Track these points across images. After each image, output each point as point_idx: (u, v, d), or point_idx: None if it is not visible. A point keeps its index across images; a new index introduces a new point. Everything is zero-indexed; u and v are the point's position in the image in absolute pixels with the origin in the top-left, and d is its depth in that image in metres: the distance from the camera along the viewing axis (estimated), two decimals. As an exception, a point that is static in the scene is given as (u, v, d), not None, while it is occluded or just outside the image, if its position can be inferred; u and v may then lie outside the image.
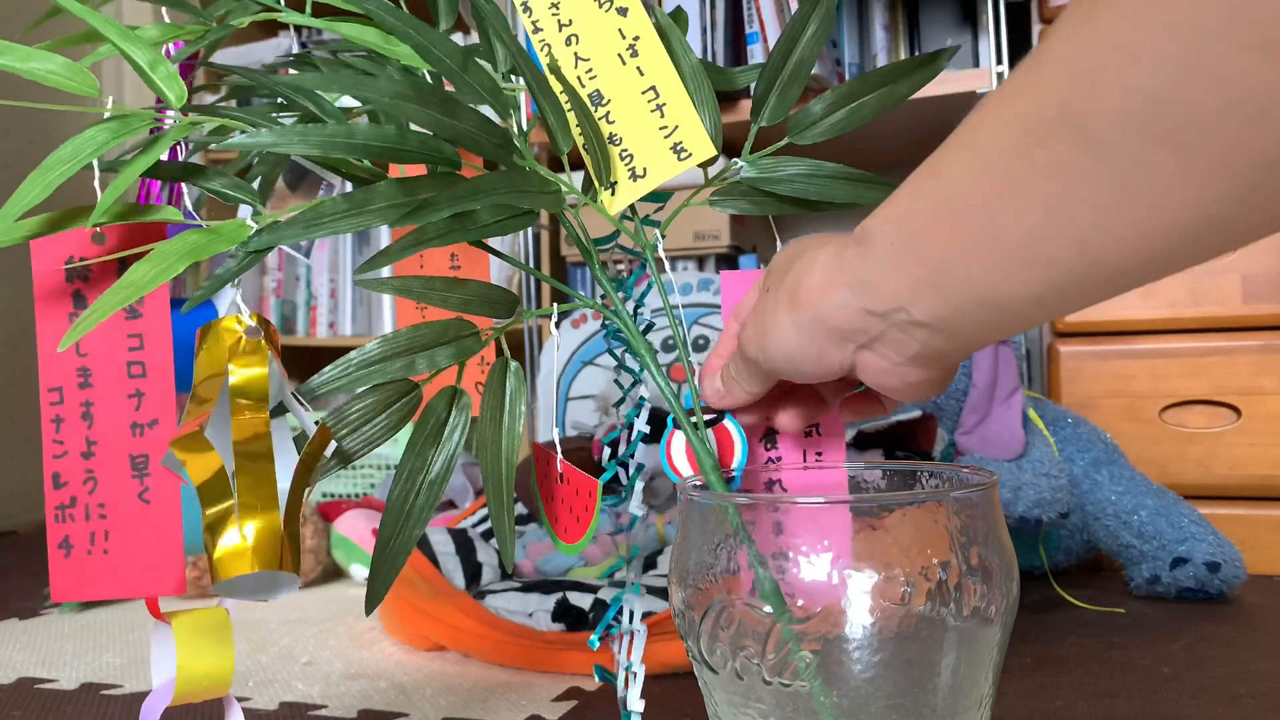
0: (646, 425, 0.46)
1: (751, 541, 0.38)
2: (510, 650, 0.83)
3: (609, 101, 0.47)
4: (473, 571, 0.98)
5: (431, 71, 0.51)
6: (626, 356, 0.50)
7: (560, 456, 0.45)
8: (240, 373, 0.38)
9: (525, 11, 0.50)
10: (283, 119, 0.51)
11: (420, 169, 0.57)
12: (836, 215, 1.67)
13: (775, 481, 0.46)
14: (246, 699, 0.78)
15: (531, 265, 1.62)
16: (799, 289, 0.37)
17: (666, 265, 0.46)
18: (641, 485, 0.46)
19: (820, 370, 0.39)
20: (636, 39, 0.48)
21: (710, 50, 1.34)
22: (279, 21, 0.52)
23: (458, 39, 1.71)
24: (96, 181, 0.43)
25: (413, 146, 0.42)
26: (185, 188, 0.55)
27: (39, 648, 0.97)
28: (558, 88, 0.46)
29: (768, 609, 0.37)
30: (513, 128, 0.44)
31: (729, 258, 1.47)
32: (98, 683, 0.84)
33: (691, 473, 0.45)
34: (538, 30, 0.49)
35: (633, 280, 0.48)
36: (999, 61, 1.20)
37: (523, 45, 0.47)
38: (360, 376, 0.41)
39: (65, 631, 1.03)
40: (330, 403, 1.58)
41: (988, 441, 0.99)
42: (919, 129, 1.40)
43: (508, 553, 0.42)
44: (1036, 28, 1.20)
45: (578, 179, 0.47)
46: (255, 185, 0.51)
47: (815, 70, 1.26)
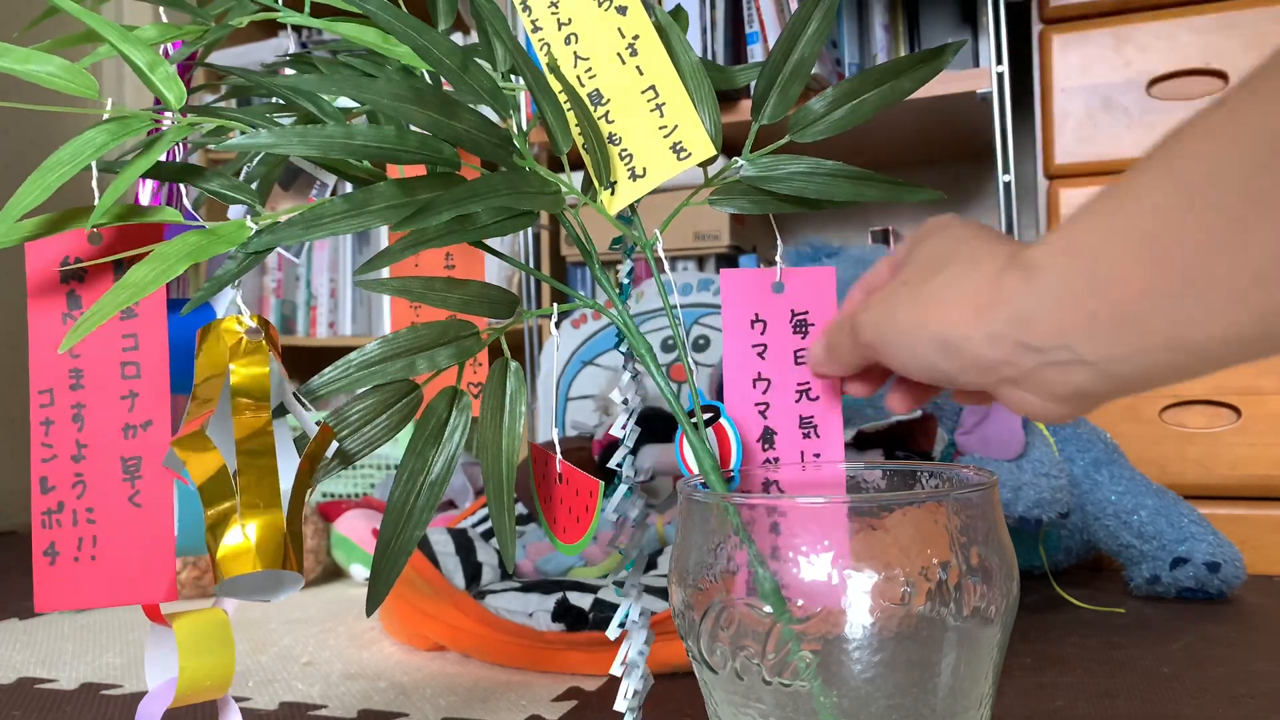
0: (636, 426, 0.46)
1: (751, 541, 0.38)
2: (510, 650, 0.83)
3: (608, 101, 0.47)
4: (473, 571, 0.98)
5: (431, 72, 0.51)
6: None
7: (559, 457, 0.45)
8: (241, 373, 0.38)
9: (524, 11, 0.50)
10: (281, 119, 0.51)
11: (420, 169, 0.57)
12: (836, 214, 1.67)
13: (773, 482, 0.46)
14: (246, 699, 0.78)
15: (531, 265, 1.62)
16: (943, 305, 0.34)
17: (665, 265, 0.46)
18: (625, 488, 0.46)
19: (942, 382, 0.36)
20: (636, 38, 0.47)
21: (710, 50, 1.34)
22: (278, 22, 0.52)
23: (457, 39, 1.71)
24: (95, 183, 0.43)
25: (412, 147, 0.42)
26: (183, 188, 0.55)
27: (39, 648, 0.97)
28: (557, 87, 0.46)
29: (768, 609, 0.37)
30: (512, 128, 0.44)
31: (729, 258, 1.47)
32: (98, 683, 0.84)
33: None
34: (537, 29, 0.49)
35: (627, 287, 0.48)
36: (999, 61, 1.19)
37: (522, 45, 0.46)
38: (361, 377, 0.41)
39: (65, 631, 1.03)
40: (331, 403, 1.58)
41: (988, 441, 0.99)
42: (919, 128, 1.40)
43: (508, 553, 0.42)
44: (1036, 28, 1.20)
45: (577, 179, 0.47)
46: (253, 186, 0.51)
47: (815, 70, 1.26)
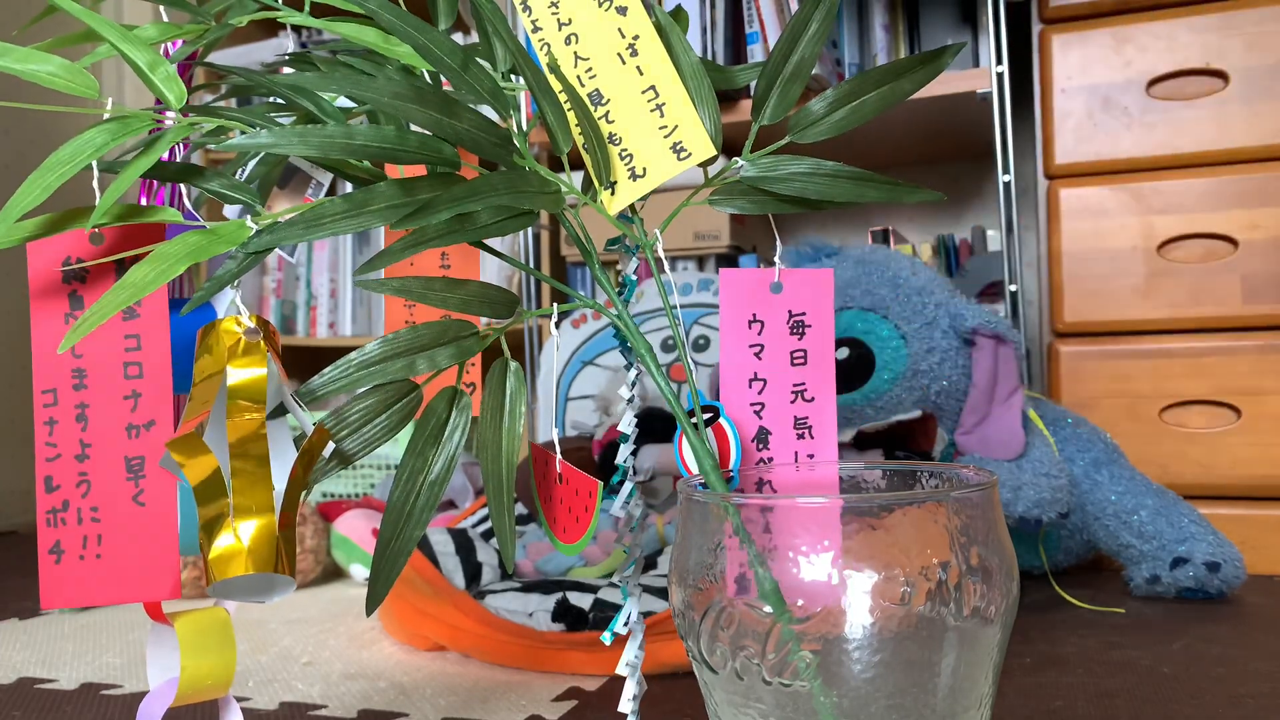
0: (635, 426, 0.46)
1: (751, 541, 0.38)
2: (510, 650, 0.83)
3: (609, 101, 0.47)
4: (473, 571, 0.98)
5: (431, 71, 0.51)
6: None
7: (559, 457, 0.45)
8: (239, 374, 0.38)
9: (525, 11, 0.50)
10: (281, 119, 0.51)
11: (420, 169, 0.57)
12: (837, 214, 1.67)
13: (767, 482, 0.46)
14: (246, 699, 0.78)
15: (531, 265, 1.62)
16: None
17: (665, 265, 0.46)
18: (630, 486, 0.46)
19: None
20: (636, 38, 0.47)
21: (710, 50, 1.34)
22: (278, 21, 0.52)
23: (457, 39, 1.71)
24: (95, 182, 0.43)
25: (412, 147, 0.42)
26: (184, 188, 0.55)
27: (39, 648, 0.97)
28: (557, 87, 0.46)
29: (767, 609, 0.37)
30: (513, 127, 0.44)
31: (729, 258, 1.47)
32: (98, 683, 0.84)
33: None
34: (537, 29, 0.49)
35: (633, 284, 0.48)
36: (999, 62, 1.19)
37: (522, 44, 0.46)
38: (360, 377, 0.41)
39: (65, 632, 1.03)
40: (331, 403, 1.57)
41: (988, 442, 0.99)
42: (919, 128, 1.40)
43: (508, 553, 0.42)
44: (1036, 28, 1.20)
45: (577, 179, 0.46)
46: (253, 186, 0.51)
47: (815, 70, 1.26)
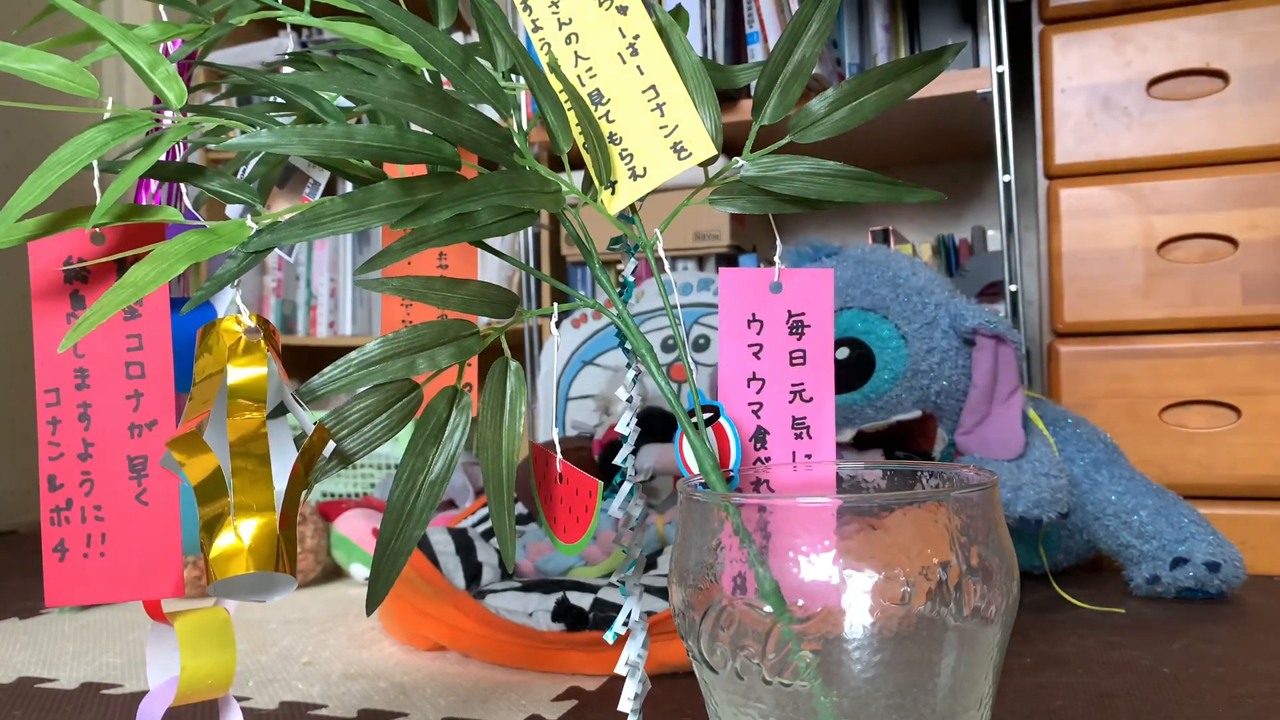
0: (637, 425, 0.46)
1: (751, 541, 0.38)
2: (510, 650, 0.83)
3: (609, 100, 0.47)
4: (473, 571, 0.98)
5: (431, 71, 0.51)
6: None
7: (560, 457, 0.45)
8: (239, 373, 0.38)
9: (525, 10, 0.50)
10: (281, 119, 0.51)
11: (420, 169, 0.57)
12: (837, 214, 1.67)
13: (765, 481, 0.46)
14: (247, 699, 0.78)
15: (532, 264, 1.62)
16: None
17: (666, 264, 0.46)
18: (629, 486, 0.46)
19: None
20: (637, 37, 0.47)
21: (711, 50, 1.34)
22: (278, 21, 0.52)
23: (458, 38, 1.71)
24: (96, 182, 0.43)
25: (412, 147, 0.42)
26: (184, 187, 0.55)
27: (39, 647, 0.97)
28: (558, 87, 0.46)
29: (768, 609, 0.37)
30: (513, 127, 0.44)
31: (729, 257, 1.47)
32: (98, 682, 0.84)
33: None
34: (537, 29, 0.49)
35: (632, 284, 0.48)
36: (999, 61, 1.19)
37: (523, 44, 0.46)
38: (361, 376, 0.41)
39: (65, 631, 1.03)
40: (331, 403, 1.57)
41: (988, 442, 0.99)
42: (919, 129, 1.40)
43: (508, 553, 0.42)
44: (1036, 27, 1.20)
45: (578, 178, 0.47)
46: (253, 185, 0.51)
47: (815, 70, 1.26)
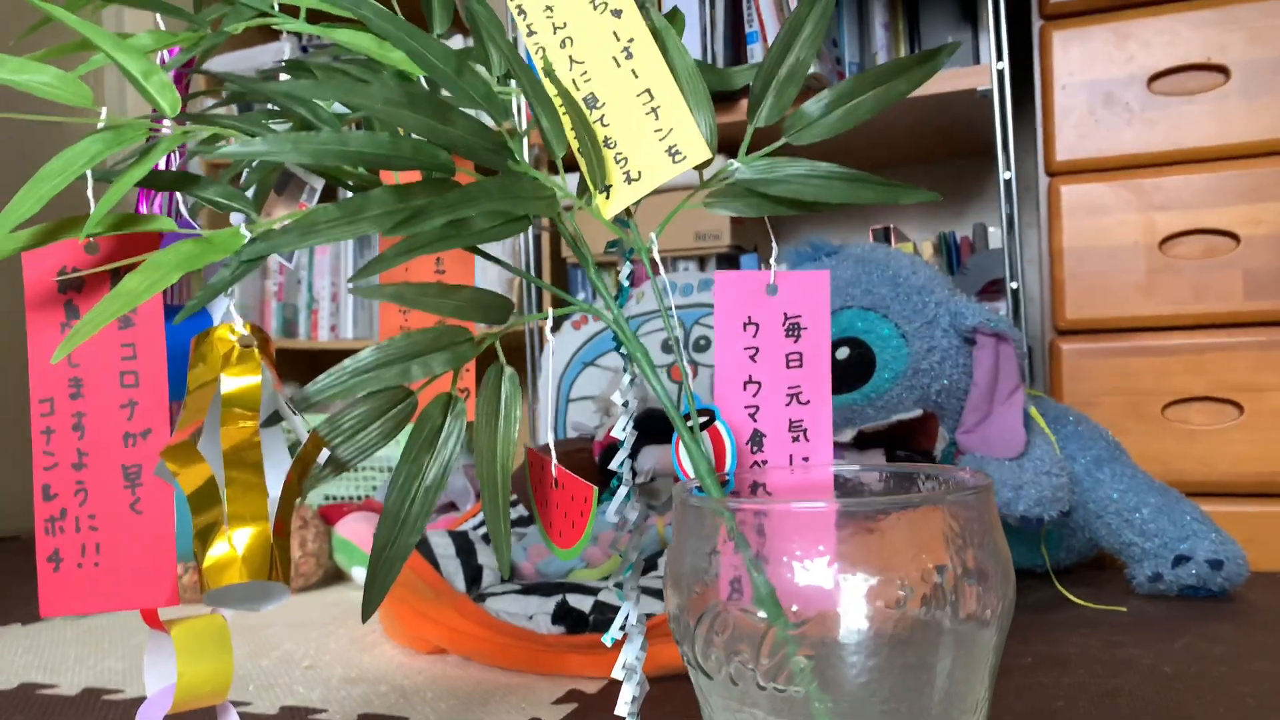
0: (635, 430, 0.46)
1: (747, 546, 0.38)
2: (511, 653, 0.83)
3: (603, 104, 0.47)
4: (473, 574, 0.98)
5: (428, 77, 0.51)
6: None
7: (555, 461, 0.45)
8: (233, 382, 0.38)
9: (520, 14, 0.50)
10: (277, 124, 0.51)
11: (415, 175, 0.57)
12: (837, 213, 1.66)
13: (762, 484, 0.46)
14: (247, 703, 0.78)
15: (531, 267, 1.61)
16: None
17: (661, 267, 0.46)
18: (625, 490, 0.45)
19: None
20: (631, 41, 0.47)
21: (710, 50, 1.34)
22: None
23: (456, 41, 1.71)
24: (90, 192, 0.43)
25: (406, 153, 0.42)
26: (180, 195, 0.55)
27: (41, 652, 0.97)
28: (553, 91, 0.46)
29: (762, 614, 0.37)
30: (507, 131, 0.44)
31: (730, 258, 1.47)
32: (99, 688, 0.84)
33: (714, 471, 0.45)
34: (532, 33, 0.49)
35: (627, 290, 0.48)
36: (999, 58, 1.19)
37: (516, 48, 0.46)
38: (355, 384, 0.41)
39: (67, 637, 1.03)
40: (331, 407, 1.57)
41: (989, 441, 0.99)
42: (920, 126, 1.40)
43: (503, 559, 0.42)
44: (1036, 24, 1.20)
45: (573, 181, 0.46)
46: (249, 193, 0.51)
47: (815, 69, 1.26)
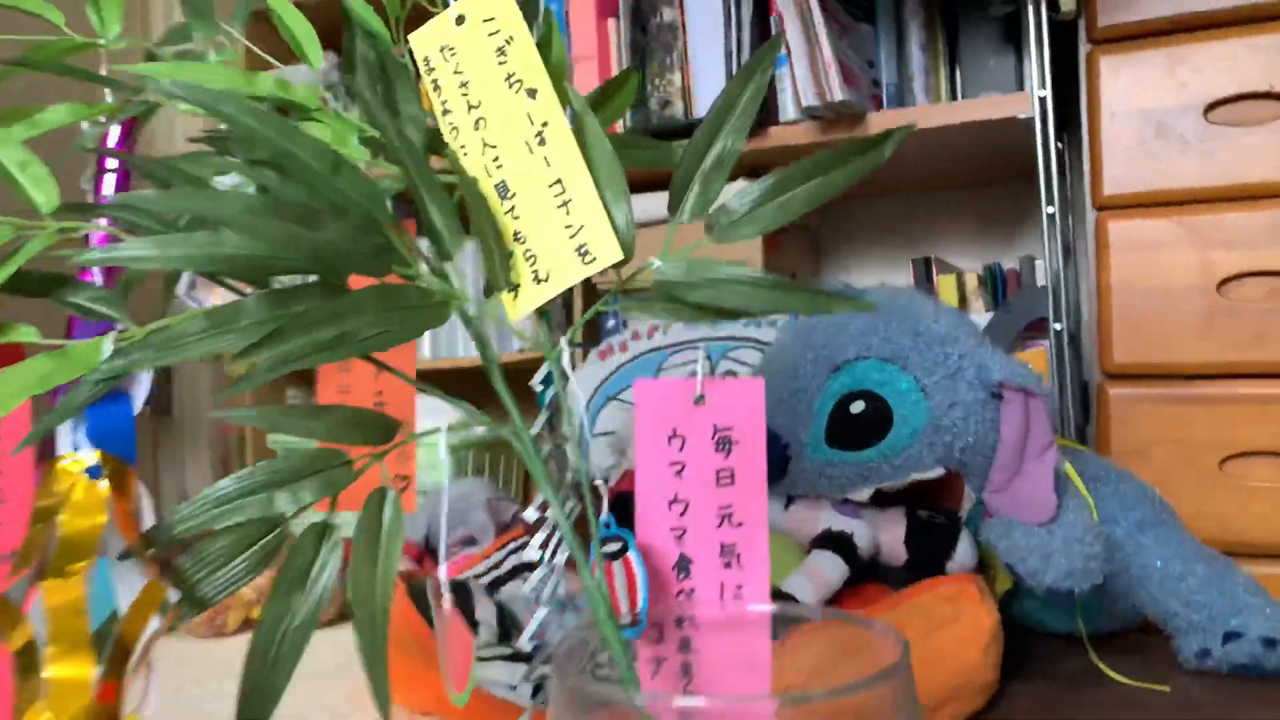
0: (548, 549, 0.42)
1: None
2: (494, 724, 0.80)
3: (514, 195, 0.43)
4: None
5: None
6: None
7: (446, 593, 0.41)
8: (73, 523, 0.35)
9: (434, 90, 0.46)
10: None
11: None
12: (878, 240, 1.59)
13: (689, 618, 0.41)
14: (218, 773, 0.75)
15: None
16: None
17: (571, 374, 0.41)
18: (536, 620, 0.41)
19: None
20: (545, 125, 0.43)
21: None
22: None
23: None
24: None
25: (288, 256, 0.39)
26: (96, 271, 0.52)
27: None
28: (470, 175, 0.42)
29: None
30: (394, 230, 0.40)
31: (764, 286, 1.41)
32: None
33: (628, 607, 0.40)
34: (446, 111, 0.45)
35: (545, 396, 0.43)
36: (1042, 85, 1.11)
37: (403, 129, 0.42)
38: (217, 515, 0.38)
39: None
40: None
41: (1018, 501, 0.92)
42: (964, 152, 1.33)
43: (384, 711, 0.38)
44: (1084, 48, 1.12)
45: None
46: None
47: (847, 96, 1.19)
